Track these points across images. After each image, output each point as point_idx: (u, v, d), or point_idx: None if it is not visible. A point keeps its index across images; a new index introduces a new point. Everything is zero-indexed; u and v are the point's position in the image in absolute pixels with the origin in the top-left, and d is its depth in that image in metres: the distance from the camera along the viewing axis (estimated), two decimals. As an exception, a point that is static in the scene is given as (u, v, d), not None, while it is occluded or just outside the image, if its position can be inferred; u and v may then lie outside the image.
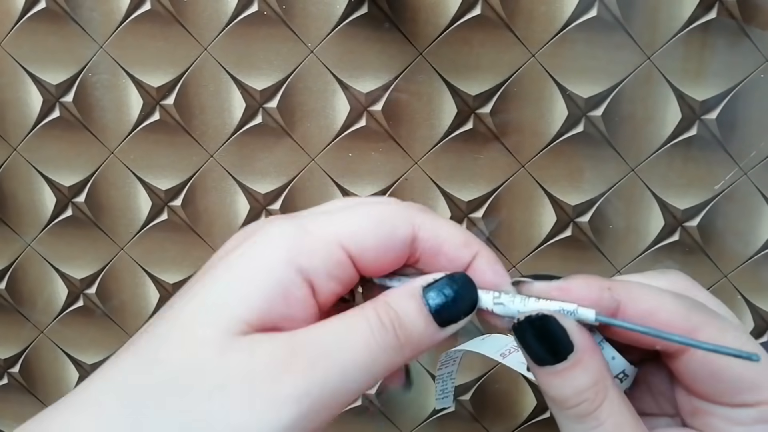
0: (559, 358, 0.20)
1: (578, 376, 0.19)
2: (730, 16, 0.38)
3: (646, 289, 0.20)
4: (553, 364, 0.20)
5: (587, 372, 0.20)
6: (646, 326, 0.19)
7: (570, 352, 0.20)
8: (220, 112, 0.43)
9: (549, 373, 0.20)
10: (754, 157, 0.41)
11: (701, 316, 0.20)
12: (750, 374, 0.19)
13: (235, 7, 0.41)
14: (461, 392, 0.48)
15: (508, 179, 0.43)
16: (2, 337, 0.51)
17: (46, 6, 0.42)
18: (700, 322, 0.20)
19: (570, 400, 0.19)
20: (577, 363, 0.20)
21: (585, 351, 0.20)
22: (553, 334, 0.20)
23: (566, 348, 0.20)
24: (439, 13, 0.39)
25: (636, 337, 0.20)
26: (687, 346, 0.19)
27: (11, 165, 0.46)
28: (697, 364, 0.20)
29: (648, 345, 0.20)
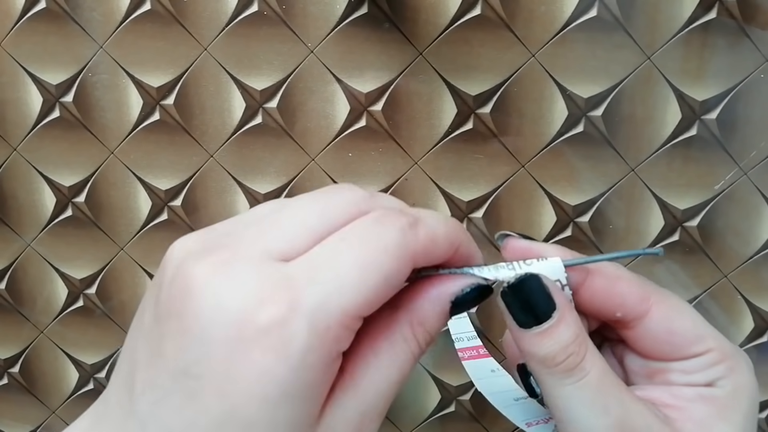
0: (544, 318, 0.22)
1: (563, 332, 0.21)
2: (730, 16, 0.38)
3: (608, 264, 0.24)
4: (539, 323, 0.22)
5: (570, 327, 0.22)
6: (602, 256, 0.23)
7: (553, 309, 0.22)
8: (220, 112, 0.43)
9: (536, 334, 0.22)
10: (754, 157, 0.41)
11: (650, 285, 0.24)
12: (696, 327, 0.23)
13: (235, 7, 0.41)
14: (461, 392, 0.48)
15: (508, 179, 0.43)
16: (2, 337, 0.51)
17: (46, 6, 0.42)
18: (651, 290, 0.23)
19: (558, 356, 0.21)
20: (561, 320, 0.22)
21: (565, 308, 0.22)
22: (537, 292, 0.22)
23: (550, 307, 0.22)
24: (439, 13, 0.40)
25: (599, 308, 0.23)
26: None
27: (11, 165, 0.46)
28: (654, 326, 0.23)
29: (610, 313, 0.23)
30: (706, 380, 0.23)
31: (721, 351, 0.23)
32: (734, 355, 0.23)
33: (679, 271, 0.44)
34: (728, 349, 0.23)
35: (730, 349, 0.23)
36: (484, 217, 0.44)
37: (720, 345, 0.23)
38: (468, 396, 0.48)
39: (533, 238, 0.24)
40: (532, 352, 0.22)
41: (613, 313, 0.23)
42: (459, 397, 0.48)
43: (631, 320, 0.23)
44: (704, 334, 0.23)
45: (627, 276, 0.23)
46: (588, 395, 0.21)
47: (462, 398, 0.48)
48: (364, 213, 0.19)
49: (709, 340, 0.23)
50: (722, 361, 0.23)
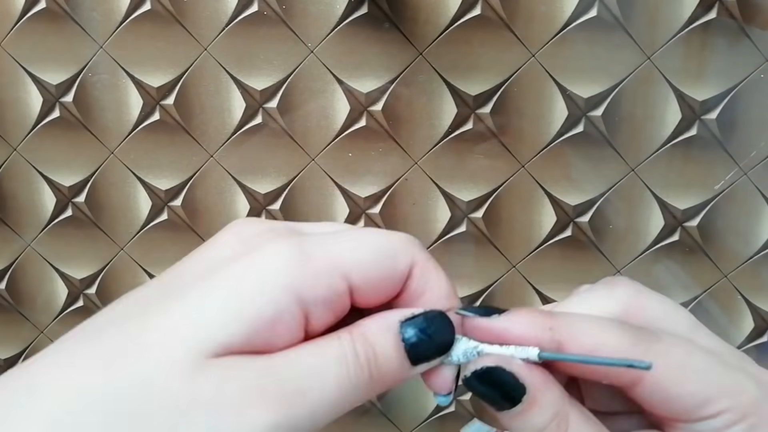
0: (515, 402, 0.20)
1: (536, 415, 0.20)
2: (730, 16, 0.38)
3: (588, 323, 0.20)
4: (509, 408, 0.20)
5: (543, 409, 0.20)
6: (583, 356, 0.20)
7: (523, 394, 0.20)
8: (220, 112, 0.43)
9: (509, 417, 0.20)
10: (754, 157, 0.41)
11: (645, 343, 0.20)
12: (702, 391, 0.20)
13: (235, 7, 0.41)
14: (461, 392, 0.48)
15: (508, 179, 0.43)
16: (2, 337, 0.51)
17: (46, 6, 0.42)
18: (643, 350, 0.20)
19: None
20: (532, 403, 0.20)
21: (537, 389, 0.20)
22: (501, 382, 0.20)
23: (518, 391, 0.20)
24: (439, 13, 0.39)
25: (582, 376, 0.21)
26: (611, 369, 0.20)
27: (11, 165, 0.46)
28: (650, 391, 0.20)
29: (597, 380, 0.21)
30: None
31: (739, 409, 0.20)
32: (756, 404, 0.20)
33: (679, 271, 0.44)
34: (748, 403, 0.20)
35: (751, 402, 0.20)
36: (484, 217, 0.44)
37: (737, 401, 0.20)
38: (468, 396, 0.48)
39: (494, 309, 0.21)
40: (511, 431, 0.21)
41: (600, 380, 0.20)
42: (459, 397, 0.48)
43: (622, 386, 0.20)
44: (713, 395, 0.20)
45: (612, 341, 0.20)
46: None
47: (462, 398, 0.48)
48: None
49: (720, 401, 0.20)
50: (743, 419, 0.20)
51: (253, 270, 0.18)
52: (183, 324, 0.17)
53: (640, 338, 0.20)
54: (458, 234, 0.44)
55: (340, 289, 0.18)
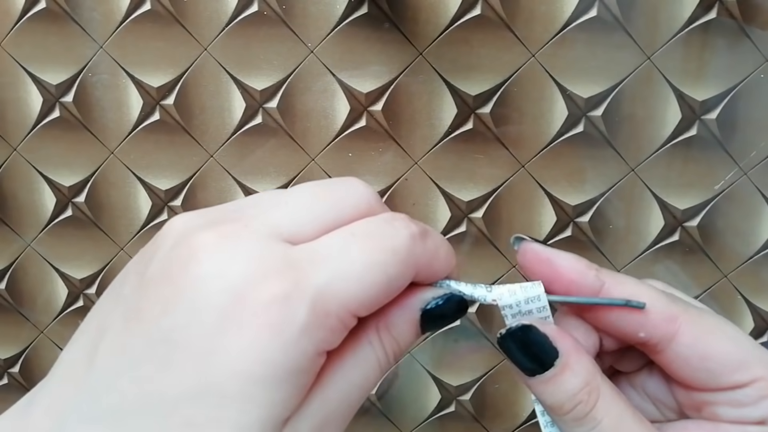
0: (547, 366, 0.20)
1: (568, 380, 0.20)
2: (730, 16, 0.38)
3: (630, 277, 0.21)
4: (541, 372, 0.20)
5: (576, 375, 0.20)
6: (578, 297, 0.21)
7: (555, 357, 0.20)
8: (220, 112, 0.43)
9: (540, 382, 0.20)
10: (754, 157, 0.41)
11: (681, 303, 0.21)
12: (736, 352, 0.20)
13: (235, 7, 0.41)
14: (461, 392, 0.48)
15: (508, 179, 0.43)
16: (2, 337, 0.51)
17: (46, 6, 0.42)
18: (680, 309, 0.20)
19: (565, 405, 0.20)
20: (564, 367, 0.20)
21: (570, 354, 0.20)
22: (535, 342, 0.20)
23: (551, 355, 0.20)
24: (439, 13, 0.39)
25: (619, 328, 0.21)
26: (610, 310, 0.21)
27: (11, 165, 0.46)
28: (684, 350, 0.20)
29: (632, 334, 0.21)
30: (760, 416, 0.20)
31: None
32: None
33: (679, 271, 0.44)
34: None
35: None
36: (484, 217, 0.44)
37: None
38: (468, 396, 0.48)
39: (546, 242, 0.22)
40: (541, 400, 0.21)
41: (635, 334, 0.21)
42: (459, 397, 0.48)
43: (657, 342, 0.20)
44: (749, 359, 0.20)
45: (649, 293, 0.21)
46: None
47: (462, 398, 0.48)
48: (374, 212, 0.19)
49: (756, 368, 0.19)
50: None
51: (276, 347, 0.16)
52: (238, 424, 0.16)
53: (676, 298, 0.21)
54: (458, 234, 0.44)
55: (352, 324, 0.18)
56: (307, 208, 0.18)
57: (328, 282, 0.17)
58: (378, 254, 0.17)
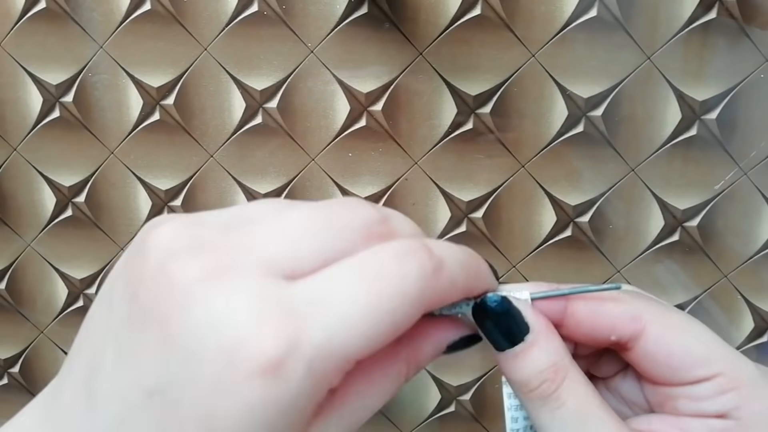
0: (517, 341, 0.21)
1: (536, 357, 0.20)
2: (730, 16, 0.38)
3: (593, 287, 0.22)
4: (510, 347, 0.21)
5: (545, 352, 0.20)
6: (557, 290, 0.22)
7: (526, 333, 0.21)
8: (220, 112, 0.43)
9: (509, 357, 0.21)
10: (754, 157, 0.41)
11: (644, 302, 0.22)
12: (698, 348, 0.21)
13: (235, 7, 0.41)
14: (461, 392, 0.48)
15: (508, 179, 0.43)
16: (2, 337, 0.51)
17: (46, 6, 0.42)
18: (644, 306, 0.21)
19: (531, 381, 0.20)
20: (533, 343, 0.20)
21: (540, 332, 0.21)
22: (508, 315, 0.21)
23: (522, 329, 0.21)
24: (439, 13, 0.39)
25: (591, 334, 0.22)
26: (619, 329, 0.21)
27: (11, 165, 0.46)
28: (650, 347, 0.21)
29: (605, 338, 0.22)
30: (717, 410, 0.20)
31: (734, 376, 0.20)
32: (753, 381, 0.20)
33: (679, 271, 0.44)
34: (744, 374, 0.20)
35: (748, 374, 0.20)
36: (484, 217, 0.44)
37: (733, 369, 0.20)
38: (468, 396, 0.48)
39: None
40: (508, 376, 0.21)
41: (607, 337, 0.21)
42: (459, 397, 0.48)
43: (627, 341, 0.21)
44: (711, 355, 0.20)
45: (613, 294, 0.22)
46: (565, 425, 0.20)
47: (462, 398, 0.48)
48: (379, 237, 0.17)
49: (716, 363, 0.20)
50: (735, 389, 0.20)
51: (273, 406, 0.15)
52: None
53: (639, 298, 0.22)
54: (458, 234, 0.44)
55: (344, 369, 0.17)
56: (307, 237, 0.16)
57: (328, 336, 0.15)
58: (385, 298, 0.16)
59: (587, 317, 0.22)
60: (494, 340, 0.21)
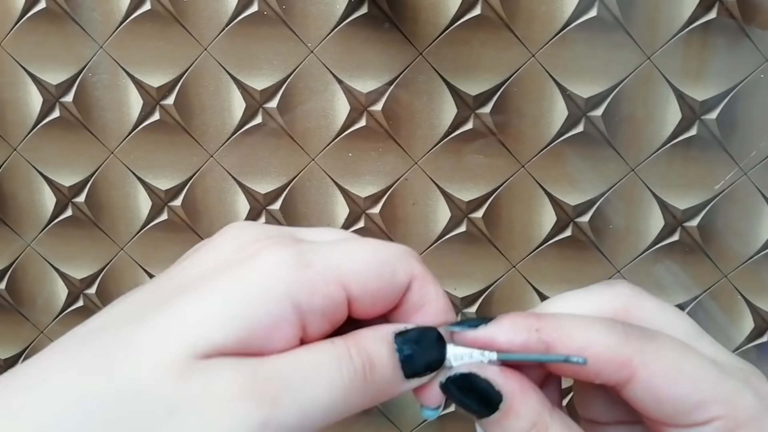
0: (492, 409, 0.20)
1: (513, 423, 0.20)
2: (730, 16, 0.38)
3: (577, 322, 0.20)
4: (488, 415, 0.20)
5: (521, 417, 0.20)
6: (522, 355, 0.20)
7: (499, 401, 0.20)
8: (220, 112, 0.43)
9: (488, 424, 0.20)
10: (754, 157, 0.41)
11: (636, 342, 0.19)
12: (693, 393, 0.19)
13: (235, 7, 0.41)
14: (461, 392, 0.48)
15: (508, 179, 0.43)
16: (2, 337, 0.51)
17: (46, 6, 0.42)
18: (635, 349, 0.19)
19: None
20: (509, 411, 0.20)
21: (514, 397, 0.20)
22: (477, 388, 0.20)
23: (494, 398, 0.20)
24: (439, 13, 0.39)
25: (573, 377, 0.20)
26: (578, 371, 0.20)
27: (11, 165, 0.46)
28: (642, 391, 0.19)
29: (588, 380, 0.20)
30: None
31: (733, 417, 0.19)
32: (753, 418, 0.19)
33: (679, 271, 0.44)
34: (743, 414, 0.19)
35: (747, 412, 0.19)
36: (484, 217, 0.44)
37: (731, 410, 0.19)
38: (468, 396, 0.48)
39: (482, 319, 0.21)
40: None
41: (591, 380, 0.20)
42: (459, 397, 0.48)
43: (614, 386, 0.20)
44: (707, 399, 0.19)
45: (600, 339, 0.19)
46: None
47: (462, 398, 0.48)
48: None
49: (713, 406, 0.19)
50: (735, 430, 0.19)
51: (251, 276, 0.18)
52: (175, 325, 0.17)
53: (631, 336, 0.20)
54: (458, 234, 0.44)
55: (339, 299, 0.18)
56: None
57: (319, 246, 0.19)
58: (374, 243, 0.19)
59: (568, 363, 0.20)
60: (470, 411, 0.21)
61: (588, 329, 0.20)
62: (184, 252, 0.21)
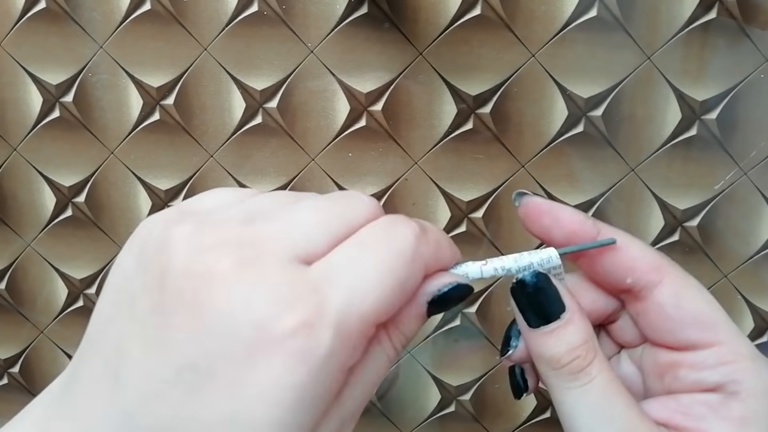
0: (553, 318, 0.22)
1: (570, 334, 0.21)
2: (730, 16, 0.38)
3: (623, 231, 0.23)
4: (547, 323, 0.22)
5: (578, 330, 0.22)
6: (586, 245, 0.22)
7: (562, 311, 0.22)
8: (220, 112, 0.43)
9: (543, 334, 0.22)
10: (754, 157, 0.41)
11: (667, 260, 0.23)
12: (709, 312, 0.22)
13: (235, 7, 0.41)
14: (461, 392, 0.48)
15: (508, 179, 0.43)
16: (2, 337, 0.51)
17: (46, 6, 0.42)
18: (666, 263, 0.22)
19: (563, 357, 0.21)
20: (569, 322, 0.22)
21: (575, 311, 0.22)
22: (546, 293, 0.22)
23: (559, 308, 0.22)
24: (439, 13, 0.40)
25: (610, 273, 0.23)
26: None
27: (11, 165, 0.46)
28: (663, 299, 0.22)
29: (621, 280, 0.23)
30: (716, 381, 0.21)
31: (735, 348, 0.21)
32: (752, 357, 0.21)
33: (679, 271, 0.44)
34: (744, 350, 0.21)
35: (748, 350, 0.21)
36: (484, 217, 0.44)
37: (734, 342, 0.21)
38: (468, 396, 0.48)
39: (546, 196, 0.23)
40: (539, 353, 0.22)
41: (623, 279, 0.22)
42: (459, 397, 0.48)
43: (642, 289, 0.22)
44: (717, 323, 0.21)
45: (640, 244, 0.23)
46: (593, 401, 0.21)
47: (462, 398, 0.48)
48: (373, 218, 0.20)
49: (722, 332, 0.21)
50: (735, 361, 0.21)
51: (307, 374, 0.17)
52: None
53: (663, 256, 0.23)
54: (458, 234, 0.44)
55: (372, 334, 0.19)
56: (319, 226, 0.19)
57: (348, 302, 0.17)
58: (389, 261, 0.18)
59: (612, 257, 0.22)
60: (529, 317, 0.22)
61: (630, 236, 0.23)
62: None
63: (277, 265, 0.17)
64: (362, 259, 0.18)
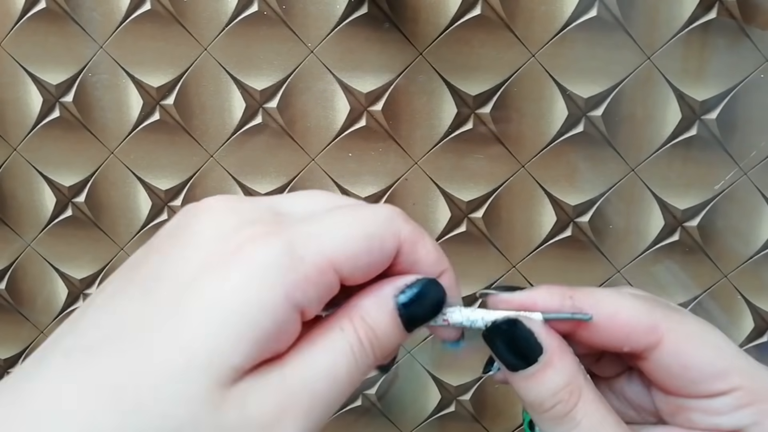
0: (530, 361, 0.20)
1: (550, 378, 0.20)
2: (730, 16, 0.38)
3: (607, 293, 0.21)
4: (524, 368, 0.20)
5: (559, 373, 0.20)
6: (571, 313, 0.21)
7: (540, 354, 0.20)
8: (220, 112, 0.43)
9: (522, 378, 0.20)
10: (754, 157, 0.41)
11: (662, 310, 0.21)
12: (716, 361, 0.20)
13: (235, 7, 0.41)
14: (461, 392, 0.48)
15: (508, 179, 0.43)
16: (2, 337, 0.51)
17: (46, 6, 0.42)
18: (662, 316, 0.21)
19: (545, 402, 0.20)
20: (547, 364, 0.20)
21: (554, 352, 0.20)
22: (520, 337, 0.20)
23: (535, 350, 0.20)
24: (439, 13, 0.39)
25: (604, 344, 0.21)
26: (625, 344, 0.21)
27: (11, 165, 0.46)
28: (666, 358, 0.20)
29: (617, 348, 0.21)
30: (733, 425, 0.20)
31: (752, 390, 0.20)
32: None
33: (679, 271, 0.44)
34: (760, 388, 0.20)
35: (764, 389, 0.20)
36: (484, 217, 0.44)
37: (751, 383, 0.20)
38: (468, 396, 0.48)
39: (516, 287, 0.22)
40: (521, 396, 0.21)
41: (620, 348, 0.21)
42: (459, 397, 0.48)
43: (642, 352, 0.21)
44: (728, 368, 0.20)
45: (629, 305, 0.21)
46: None
47: (462, 398, 0.48)
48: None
49: (734, 377, 0.20)
50: (752, 404, 0.20)
51: (247, 282, 0.17)
52: (196, 352, 0.16)
53: (657, 306, 0.21)
54: (458, 234, 0.44)
55: (333, 282, 0.18)
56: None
57: (307, 231, 0.18)
58: (360, 214, 0.19)
59: (602, 326, 0.21)
60: (506, 362, 0.21)
61: (618, 298, 0.21)
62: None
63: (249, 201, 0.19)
64: (334, 211, 0.19)
